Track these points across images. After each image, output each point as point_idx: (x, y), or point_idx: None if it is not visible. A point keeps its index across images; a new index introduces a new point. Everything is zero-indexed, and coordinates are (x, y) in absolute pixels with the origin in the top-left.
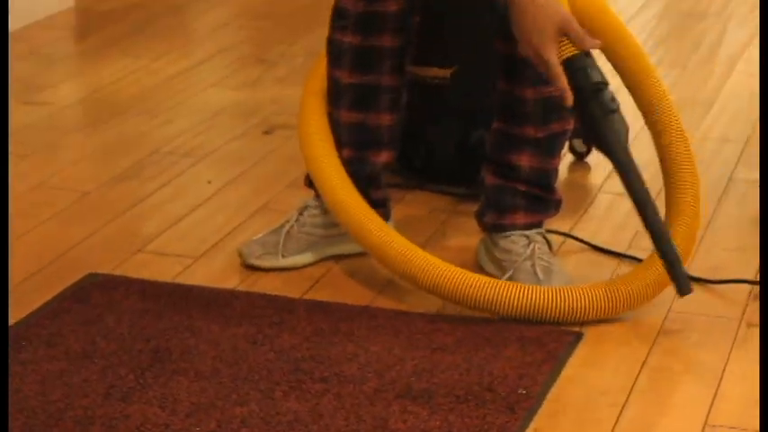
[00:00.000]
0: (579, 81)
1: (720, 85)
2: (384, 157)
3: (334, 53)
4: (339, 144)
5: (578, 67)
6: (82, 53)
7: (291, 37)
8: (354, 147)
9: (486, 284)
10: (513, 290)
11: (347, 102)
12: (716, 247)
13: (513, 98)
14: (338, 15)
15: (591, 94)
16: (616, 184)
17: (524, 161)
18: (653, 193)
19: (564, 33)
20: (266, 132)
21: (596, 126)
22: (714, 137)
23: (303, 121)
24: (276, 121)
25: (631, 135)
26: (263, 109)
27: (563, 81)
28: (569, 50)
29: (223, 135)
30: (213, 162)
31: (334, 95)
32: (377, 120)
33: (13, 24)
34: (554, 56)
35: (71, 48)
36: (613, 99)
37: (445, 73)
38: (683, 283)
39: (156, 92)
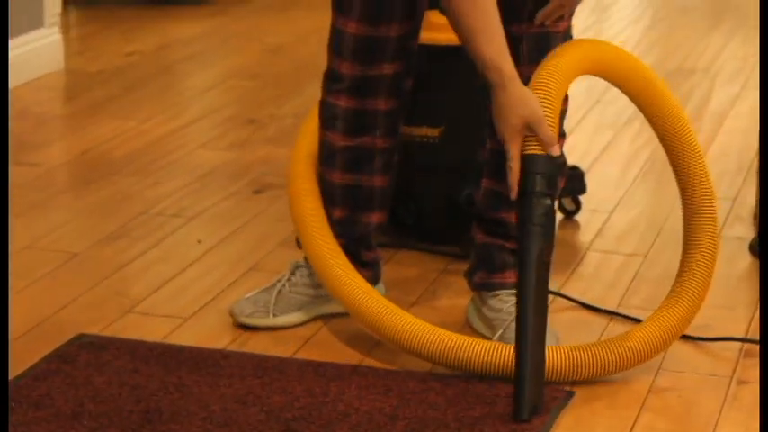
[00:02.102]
0: (524, 181)
1: (709, 143)
2: (376, 218)
3: (327, 116)
4: (331, 204)
5: (528, 168)
6: (72, 114)
7: (281, 98)
8: (347, 208)
9: (463, 344)
10: (481, 348)
11: (341, 164)
12: (706, 304)
13: (502, 156)
14: (331, 79)
15: (527, 199)
16: (605, 242)
17: (514, 218)
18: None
19: (531, 131)
20: (256, 192)
21: (522, 230)
22: None
23: (293, 183)
24: (266, 181)
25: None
26: (252, 169)
27: (513, 175)
28: (531, 147)
29: (213, 195)
30: (203, 222)
31: (327, 157)
32: (370, 182)
33: None
34: (514, 148)
35: (61, 109)
36: (547, 214)
37: (434, 132)
38: (521, 408)
39: (145, 153)
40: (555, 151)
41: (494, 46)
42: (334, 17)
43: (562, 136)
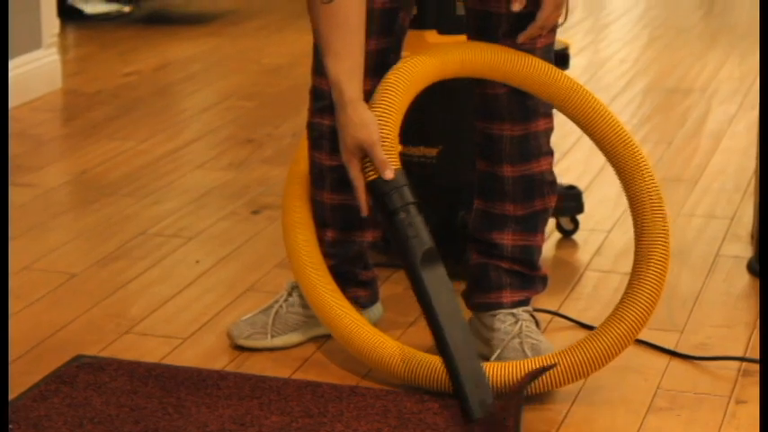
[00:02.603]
0: (378, 204)
1: (706, 162)
2: (369, 236)
3: (315, 136)
4: (323, 226)
5: (376, 192)
6: (70, 135)
7: (278, 118)
8: (339, 228)
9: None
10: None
11: (330, 184)
12: (704, 323)
13: (492, 177)
14: (316, 97)
15: (388, 218)
16: (604, 261)
17: (507, 239)
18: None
19: (366, 155)
20: (254, 212)
21: (396, 246)
22: (700, 213)
23: (286, 209)
24: (264, 201)
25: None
26: (250, 189)
27: (360, 195)
28: (372, 173)
29: (211, 216)
30: (201, 243)
31: (316, 178)
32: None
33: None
34: (355, 169)
35: (59, 129)
36: (411, 224)
37: (432, 152)
38: (471, 408)
39: (143, 173)
40: (387, 176)
41: (342, 65)
42: (315, 35)
43: (548, 154)
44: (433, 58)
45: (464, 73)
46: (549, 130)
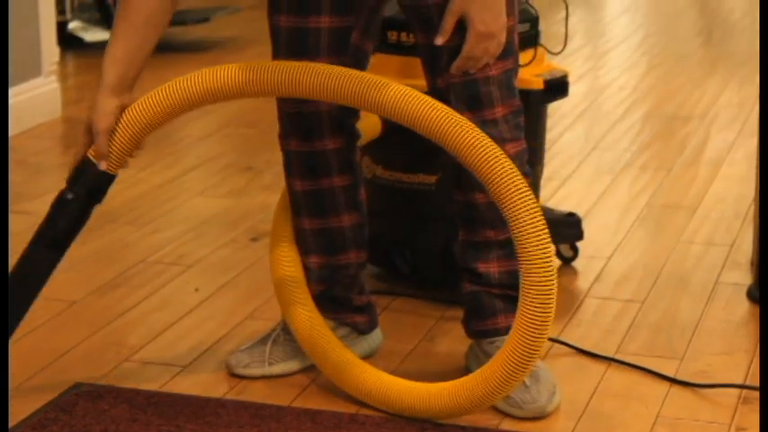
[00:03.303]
0: (73, 179)
1: (705, 189)
2: (353, 257)
3: (286, 163)
4: (307, 252)
5: (79, 168)
6: (69, 163)
7: (277, 145)
8: (322, 253)
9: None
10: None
11: (306, 209)
12: (703, 351)
13: (467, 205)
14: (280, 122)
15: (61, 192)
16: (603, 288)
17: (493, 267)
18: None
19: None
20: (254, 240)
21: (49, 217)
22: (699, 241)
23: (273, 241)
24: (263, 228)
25: (613, 244)
26: (250, 217)
27: (72, 162)
28: (90, 153)
29: (210, 243)
30: (201, 270)
31: (295, 205)
32: (339, 222)
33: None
34: (80, 144)
35: (58, 157)
36: (66, 207)
37: (430, 179)
38: None
39: (143, 201)
40: (100, 165)
41: (112, 50)
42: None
43: (525, 176)
44: (220, 74)
45: (248, 93)
46: (520, 153)
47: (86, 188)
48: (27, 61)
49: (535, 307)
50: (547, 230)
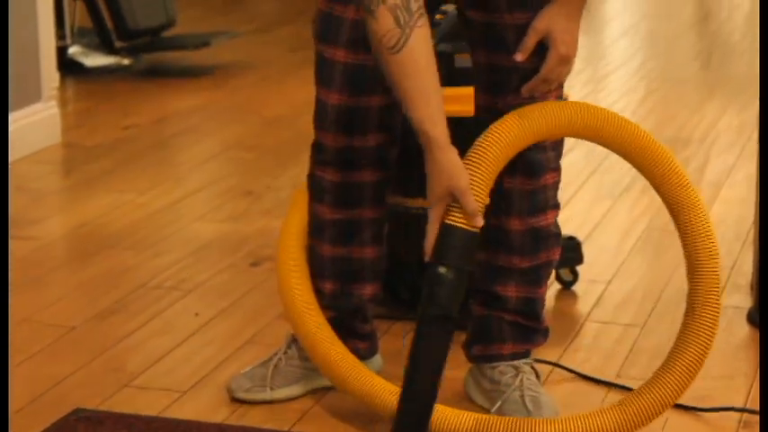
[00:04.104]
0: (436, 248)
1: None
2: (369, 290)
3: (315, 189)
4: (321, 277)
5: (444, 237)
6: (69, 188)
7: (277, 169)
8: (338, 280)
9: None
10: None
11: (329, 236)
12: (704, 374)
13: (499, 230)
14: (317, 151)
15: (433, 266)
16: (603, 312)
17: (511, 291)
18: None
19: (455, 201)
20: (253, 265)
21: (425, 295)
22: None
23: (281, 259)
24: (263, 253)
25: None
26: (249, 241)
27: (429, 240)
28: (452, 218)
29: (210, 268)
30: (200, 295)
31: (316, 229)
32: (360, 253)
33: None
34: (434, 214)
35: (58, 182)
36: (448, 286)
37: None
38: None
39: (142, 226)
40: (477, 223)
41: (424, 111)
42: (317, 89)
43: (555, 207)
44: (535, 117)
45: (565, 134)
46: (557, 183)
47: (460, 256)
48: (27, 86)
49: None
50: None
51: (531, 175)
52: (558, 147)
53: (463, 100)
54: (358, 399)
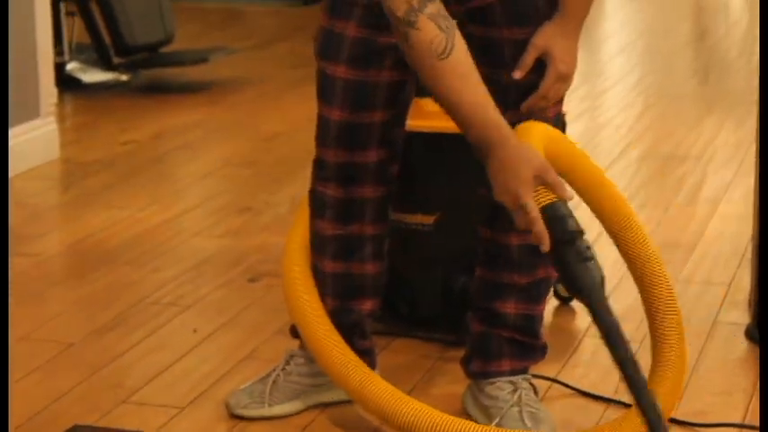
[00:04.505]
0: (557, 228)
1: (702, 228)
2: (368, 305)
3: (317, 204)
4: (323, 293)
5: (556, 215)
6: (67, 204)
7: (275, 185)
8: (338, 297)
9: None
10: None
11: (330, 252)
12: (702, 390)
13: (497, 245)
14: (319, 167)
15: (568, 242)
16: None
17: (510, 308)
18: (636, 342)
19: (541, 180)
20: (252, 280)
21: (573, 274)
22: (697, 280)
23: (287, 271)
24: (261, 269)
25: (612, 283)
26: (248, 257)
27: (540, 226)
28: (547, 197)
29: (208, 283)
30: (199, 311)
31: (318, 246)
32: (361, 269)
33: None
34: (531, 200)
35: (56, 198)
36: (589, 247)
37: (429, 219)
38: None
39: (140, 241)
40: (568, 195)
41: (484, 112)
42: (319, 105)
43: None
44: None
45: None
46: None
47: (576, 223)
48: (25, 102)
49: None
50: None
51: None
52: None
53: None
54: (372, 407)
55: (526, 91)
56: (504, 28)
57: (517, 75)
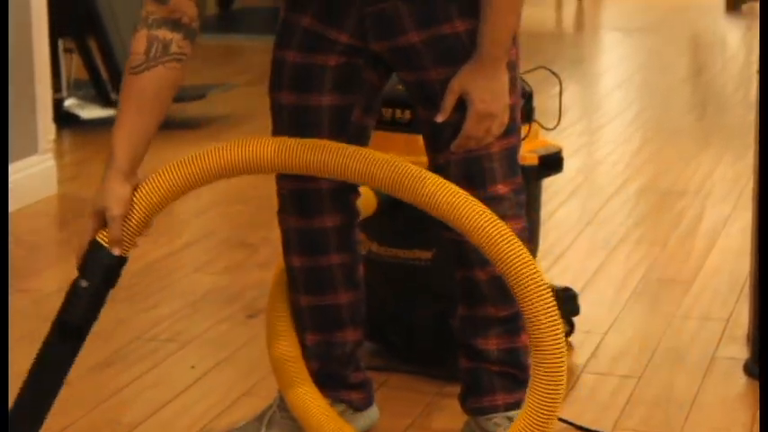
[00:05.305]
0: (86, 266)
1: (701, 263)
2: (350, 336)
3: (284, 239)
4: (303, 329)
5: (94, 255)
6: (65, 240)
7: (273, 221)
8: (317, 330)
9: None
10: None
11: (302, 285)
12: (701, 426)
13: (468, 282)
14: (280, 199)
15: (76, 279)
16: (600, 364)
17: (492, 344)
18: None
19: (103, 218)
20: (250, 317)
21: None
22: (696, 315)
23: (269, 316)
24: (259, 305)
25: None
26: (246, 293)
27: (77, 251)
28: (103, 237)
29: (206, 320)
30: (197, 347)
31: (291, 280)
32: (335, 299)
33: None
34: (90, 228)
35: (54, 235)
36: (80, 295)
37: (426, 255)
38: None
39: (138, 277)
40: (114, 251)
41: (120, 132)
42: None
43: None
44: (210, 155)
45: (248, 170)
46: (522, 230)
47: (101, 274)
48: (23, 139)
49: (545, 385)
50: (556, 308)
51: None
52: (511, 197)
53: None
54: None
55: (458, 130)
56: (432, 69)
57: (439, 118)
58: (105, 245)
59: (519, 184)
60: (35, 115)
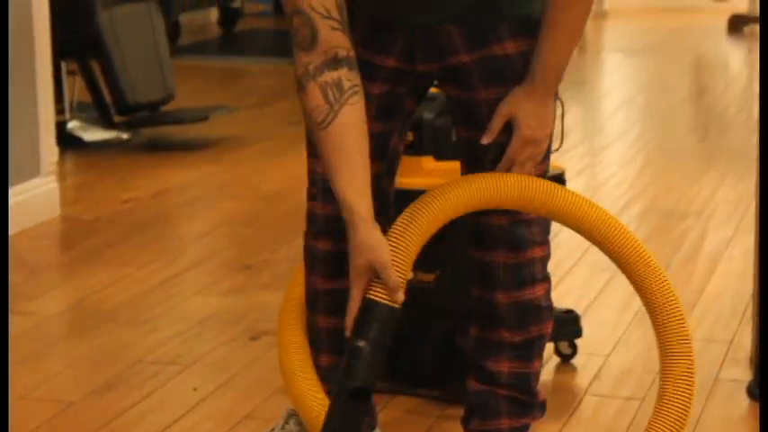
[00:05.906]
0: (359, 323)
1: (703, 286)
2: None
3: (309, 259)
4: (318, 350)
5: (366, 312)
6: (67, 262)
7: (275, 243)
8: (333, 353)
9: None
10: None
11: (323, 307)
12: None
13: (486, 303)
14: (310, 221)
15: (351, 340)
16: (603, 386)
17: (503, 367)
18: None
19: (375, 274)
20: (252, 339)
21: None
22: (698, 337)
23: (282, 333)
24: (262, 327)
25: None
26: (248, 316)
27: (349, 316)
28: (375, 292)
29: (208, 342)
30: (199, 370)
31: (311, 301)
32: None
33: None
34: (356, 290)
35: (57, 257)
36: (366, 361)
37: (429, 277)
38: None
39: (140, 300)
40: (398, 298)
41: (348, 187)
42: (308, 160)
43: (544, 280)
44: (460, 189)
45: (492, 205)
46: (545, 257)
47: (380, 331)
48: (26, 161)
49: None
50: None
51: (516, 249)
52: (541, 222)
53: (451, 174)
54: None
55: (502, 151)
56: (481, 89)
57: (484, 140)
58: (381, 301)
59: None
60: (38, 137)
